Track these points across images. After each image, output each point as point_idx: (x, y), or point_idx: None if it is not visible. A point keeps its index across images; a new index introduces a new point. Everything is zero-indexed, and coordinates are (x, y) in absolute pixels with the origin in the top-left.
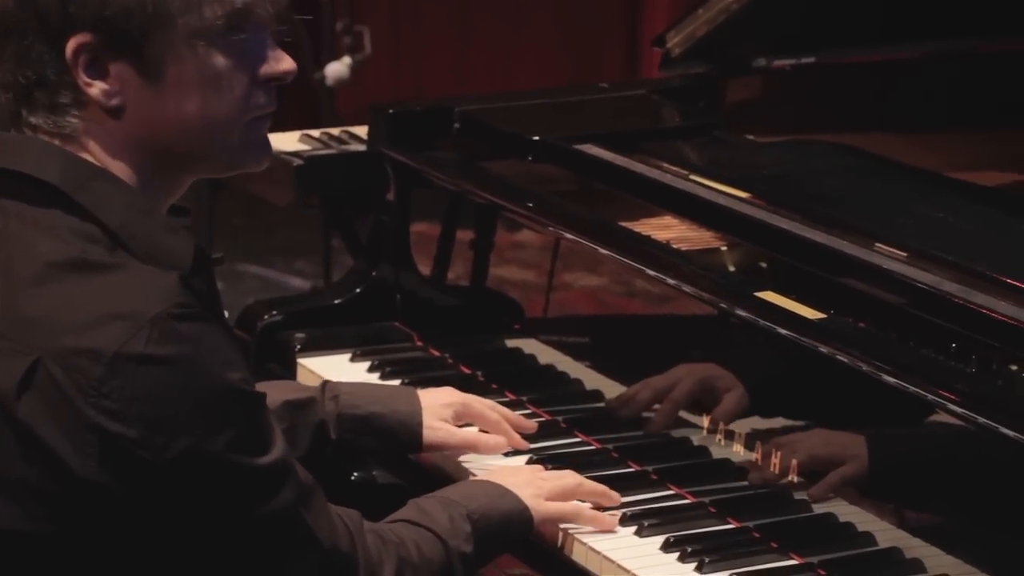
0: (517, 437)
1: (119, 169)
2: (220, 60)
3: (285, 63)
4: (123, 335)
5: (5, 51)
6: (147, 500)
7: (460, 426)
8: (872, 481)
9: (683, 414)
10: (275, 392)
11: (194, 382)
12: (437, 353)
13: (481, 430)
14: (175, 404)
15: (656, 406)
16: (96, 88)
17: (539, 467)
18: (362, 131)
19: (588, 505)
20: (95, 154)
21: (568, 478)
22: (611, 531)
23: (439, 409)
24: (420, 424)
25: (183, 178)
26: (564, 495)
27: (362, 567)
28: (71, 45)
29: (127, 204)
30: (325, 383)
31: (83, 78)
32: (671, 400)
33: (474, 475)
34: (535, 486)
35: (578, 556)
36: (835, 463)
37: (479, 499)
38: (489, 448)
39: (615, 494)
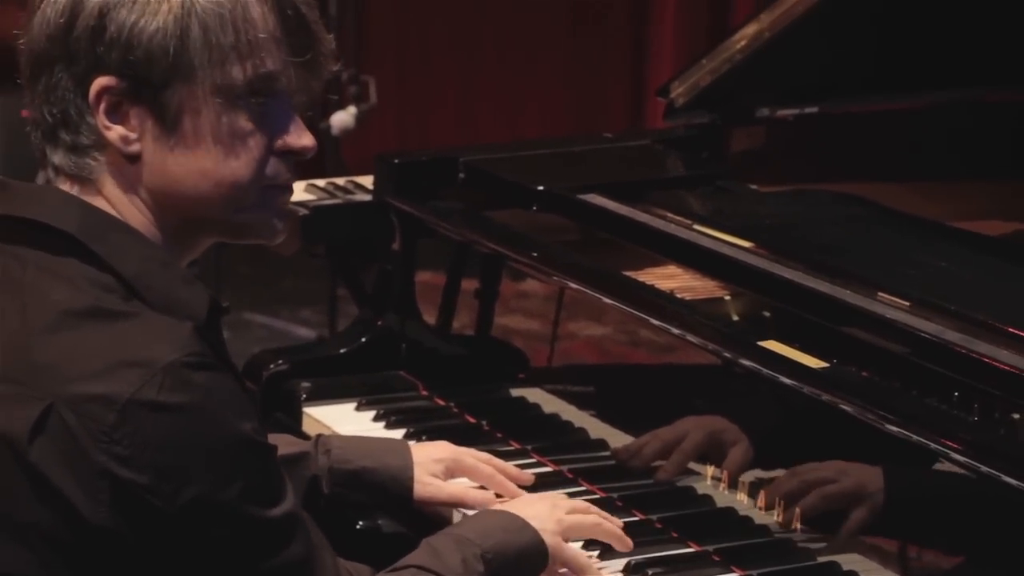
0: (513, 488)
1: (136, 219)
2: (238, 121)
3: (306, 139)
4: (136, 382)
5: (36, 86)
6: (157, 547)
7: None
8: (872, 525)
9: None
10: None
11: (206, 431)
12: (442, 402)
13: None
14: (186, 452)
15: (662, 461)
16: (115, 132)
17: (559, 494)
18: (368, 181)
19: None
20: (112, 200)
21: (588, 517)
22: (626, 548)
23: (430, 464)
24: (411, 479)
25: (199, 238)
26: (582, 532)
27: None
28: (95, 86)
29: (143, 256)
30: (319, 437)
31: (103, 120)
32: (681, 451)
33: None
34: (555, 520)
35: None
36: (828, 507)
37: (495, 535)
38: (477, 503)
39: (629, 540)
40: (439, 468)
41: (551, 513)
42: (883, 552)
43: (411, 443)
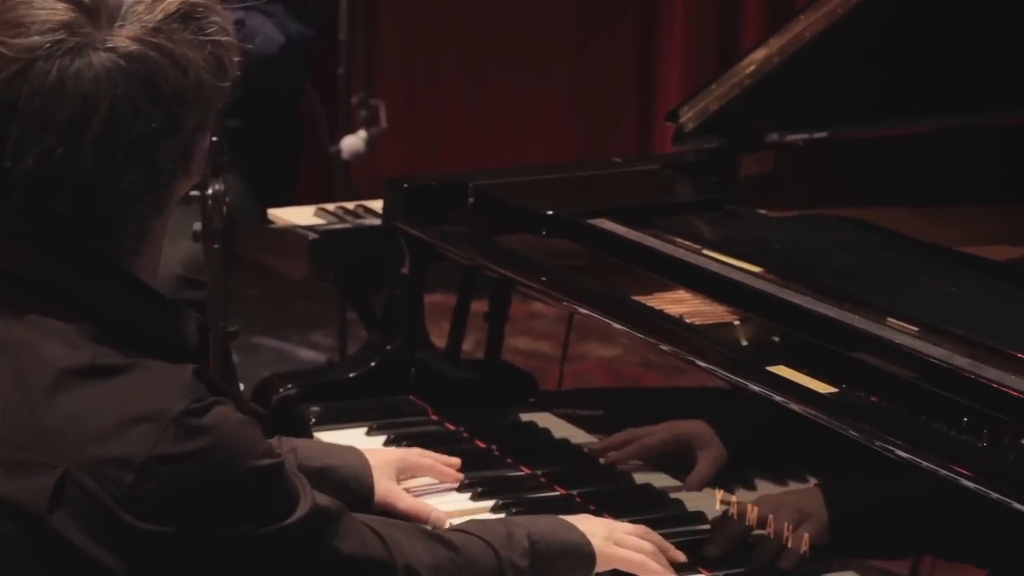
0: (454, 474)
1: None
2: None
3: None
4: (150, 439)
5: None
6: None
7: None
8: (879, 549)
9: (695, 487)
10: None
11: (224, 470)
12: (452, 427)
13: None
14: (209, 496)
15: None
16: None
17: (618, 523)
18: (377, 205)
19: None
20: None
21: (646, 539)
22: None
23: (386, 467)
24: (371, 477)
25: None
26: (640, 549)
27: (399, 566)
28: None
29: (126, 295)
30: (280, 438)
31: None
32: (641, 443)
33: None
34: (607, 534)
35: None
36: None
37: (541, 525)
38: (431, 520)
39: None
40: (393, 471)
41: (606, 529)
42: (891, 575)
43: (363, 449)
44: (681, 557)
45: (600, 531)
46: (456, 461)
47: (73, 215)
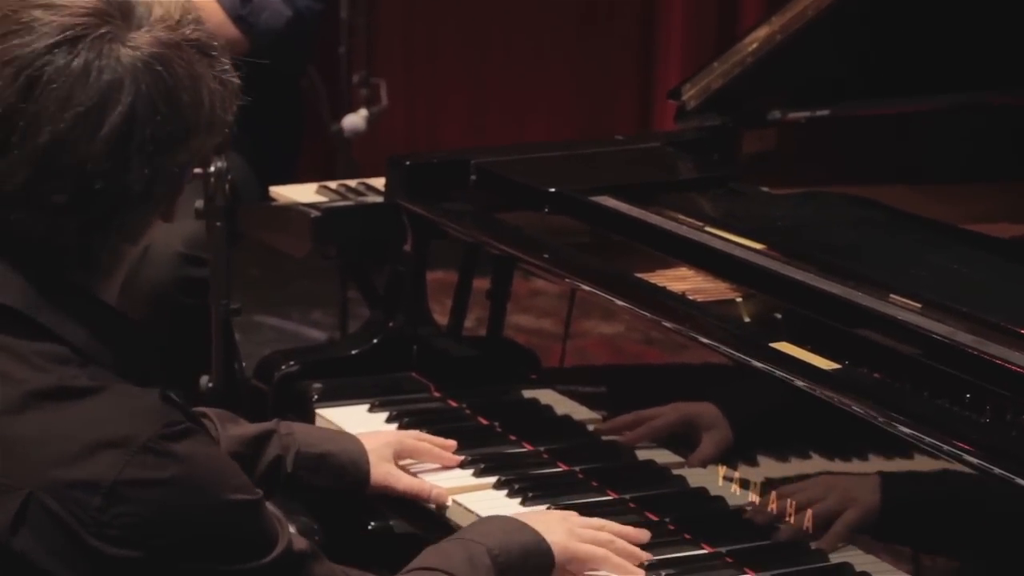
0: (449, 456)
1: (81, 276)
2: None
3: None
4: (118, 463)
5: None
6: None
7: (400, 467)
8: (884, 527)
9: (699, 464)
10: (234, 426)
11: (194, 500)
12: (454, 404)
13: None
14: (178, 524)
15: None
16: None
17: (572, 512)
18: (379, 183)
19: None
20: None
21: (602, 533)
22: None
23: (382, 450)
24: (367, 463)
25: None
26: (596, 541)
27: None
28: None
29: (87, 318)
30: (279, 421)
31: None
32: (649, 425)
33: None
34: (564, 530)
35: None
36: (841, 509)
37: (496, 535)
38: (431, 498)
39: (643, 555)
40: (389, 452)
41: (560, 523)
42: (895, 552)
43: (359, 433)
44: (645, 538)
45: (558, 528)
46: (452, 444)
47: (70, 206)
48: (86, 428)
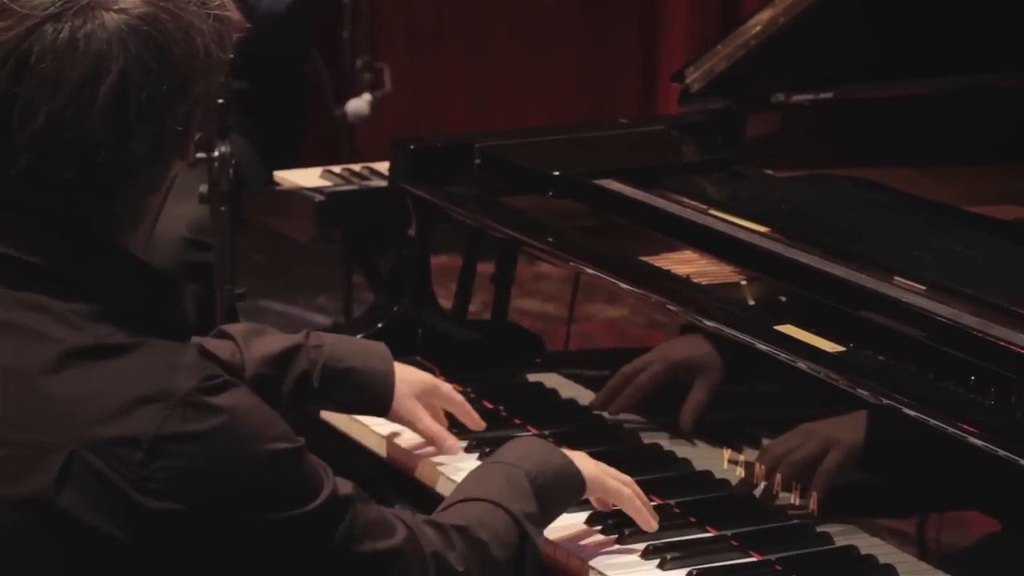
0: (477, 419)
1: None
2: None
3: None
4: (158, 417)
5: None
6: (204, 562)
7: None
8: (887, 508)
9: (704, 446)
10: (261, 343)
11: (237, 452)
12: (460, 388)
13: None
14: (221, 477)
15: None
16: None
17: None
18: (383, 167)
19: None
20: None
21: (626, 487)
22: (649, 529)
23: (415, 384)
24: (392, 386)
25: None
26: (622, 481)
27: (429, 561)
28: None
29: (120, 273)
30: (309, 332)
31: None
32: (635, 385)
33: None
34: (593, 464)
35: None
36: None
37: (531, 458)
38: (447, 448)
39: (654, 522)
40: (419, 390)
41: (589, 459)
42: (900, 534)
43: (398, 362)
44: (651, 526)
45: (588, 461)
46: (482, 423)
47: (79, 180)
48: (124, 385)
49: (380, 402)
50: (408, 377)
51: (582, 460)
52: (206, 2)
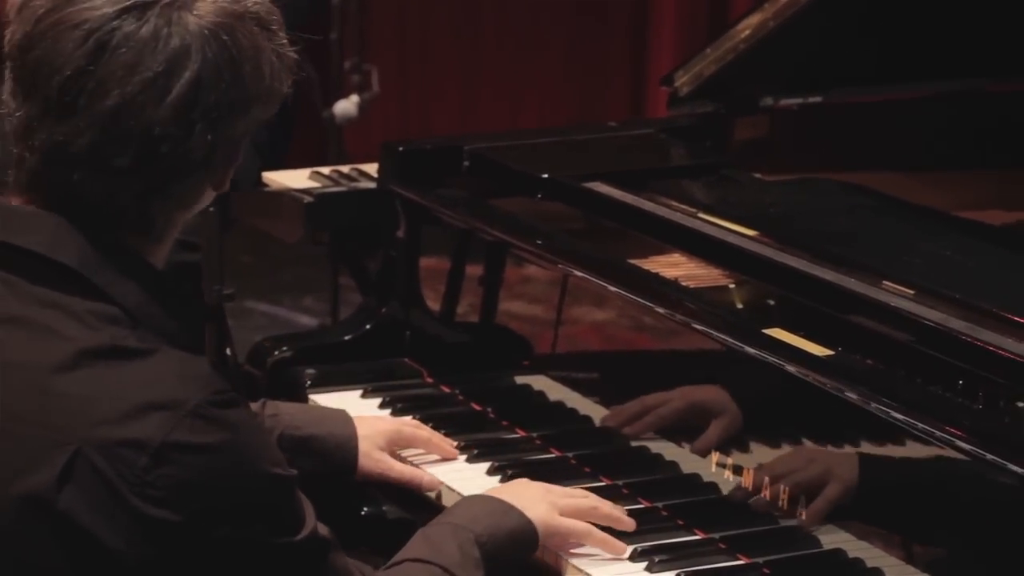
0: (447, 448)
1: (133, 239)
2: None
3: None
4: (166, 425)
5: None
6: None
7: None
8: (876, 512)
9: (691, 449)
10: None
11: (238, 469)
12: (447, 390)
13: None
14: (219, 490)
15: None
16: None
17: (553, 486)
18: (372, 168)
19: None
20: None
21: (584, 500)
22: (620, 555)
23: (376, 437)
24: (356, 448)
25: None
26: (578, 515)
27: None
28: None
29: (141, 281)
30: (264, 401)
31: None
32: (656, 414)
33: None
34: (548, 502)
35: None
36: (821, 485)
37: (483, 520)
38: (424, 486)
39: (630, 520)
40: (383, 440)
41: (543, 495)
42: (887, 539)
43: (354, 416)
44: (625, 520)
45: (540, 504)
46: (452, 445)
47: (132, 170)
48: (137, 388)
49: (344, 464)
50: (369, 432)
51: (535, 503)
52: (272, 38)
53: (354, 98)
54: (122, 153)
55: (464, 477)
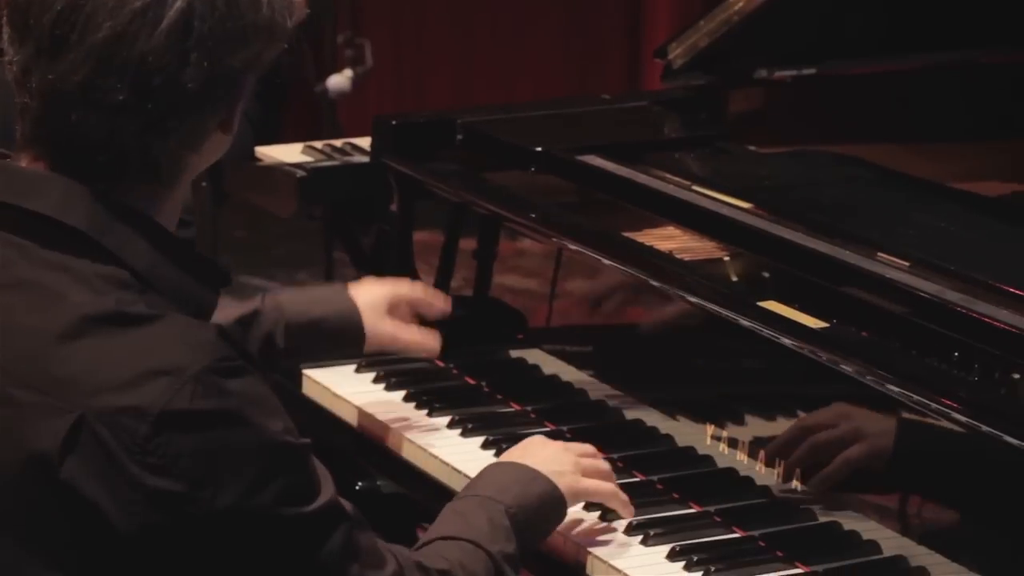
0: (438, 306)
1: (143, 196)
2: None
3: None
4: (167, 392)
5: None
6: (194, 553)
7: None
8: (871, 483)
9: (687, 422)
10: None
11: (240, 438)
12: (442, 364)
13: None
14: (222, 460)
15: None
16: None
17: (572, 444)
18: (365, 143)
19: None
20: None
21: (604, 464)
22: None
23: (378, 304)
24: (360, 321)
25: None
26: (599, 475)
27: None
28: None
29: (153, 242)
30: (263, 295)
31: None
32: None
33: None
34: (569, 462)
35: (587, 565)
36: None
37: (512, 489)
38: (431, 350)
39: (631, 507)
40: (383, 308)
41: (563, 456)
42: (883, 510)
43: (349, 285)
44: (628, 505)
45: (565, 465)
46: (446, 303)
47: (128, 104)
48: (140, 355)
49: (353, 340)
50: (369, 299)
51: (561, 464)
52: None
53: (347, 72)
54: (117, 87)
55: (458, 451)
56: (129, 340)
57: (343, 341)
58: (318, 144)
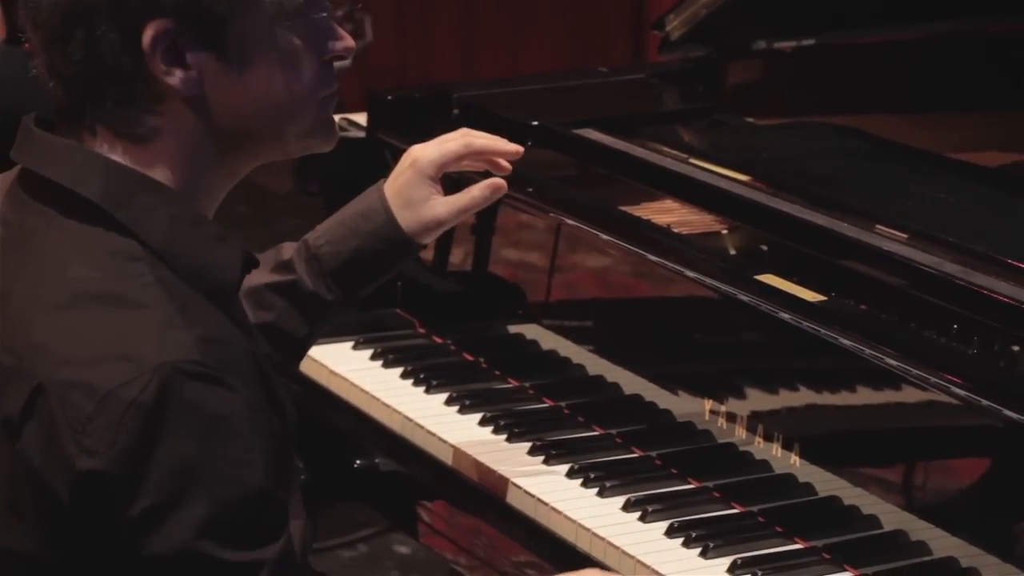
0: (503, 164)
1: (179, 171)
2: (297, 41)
3: (347, 41)
4: (122, 376)
5: (71, 42)
6: (112, 548)
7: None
8: (869, 457)
9: (686, 397)
10: (256, 275)
11: (176, 446)
12: (439, 340)
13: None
14: (151, 460)
15: None
16: (175, 78)
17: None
18: (361, 118)
19: None
20: (162, 155)
21: None
22: None
23: (421, 187)
24: (398, 228)
25: (246, 167)
26: None
27: None
28: (148, 32)
29: (172, 217)
30: (300, 245)
31: (161, 67)
32: None
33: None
34: None
35: (581, 541)
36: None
37: None
38: (495, 193)
39: None
40: (430, 187)
41: None
42: (883, 483)
43: (387, 181)
44: None
45: None
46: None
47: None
48: (114, 338)
49: (404, 248)
50: (407, 190)
51: None
52: None
53: None
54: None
55: (456, 428)
56: (110, 321)
57: (390, 259)
58: None
